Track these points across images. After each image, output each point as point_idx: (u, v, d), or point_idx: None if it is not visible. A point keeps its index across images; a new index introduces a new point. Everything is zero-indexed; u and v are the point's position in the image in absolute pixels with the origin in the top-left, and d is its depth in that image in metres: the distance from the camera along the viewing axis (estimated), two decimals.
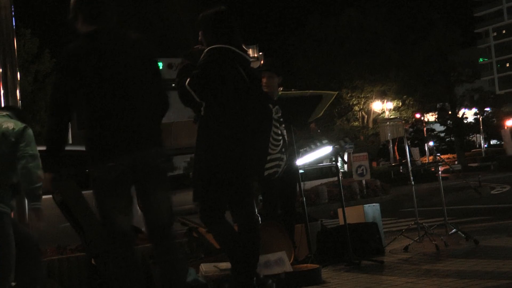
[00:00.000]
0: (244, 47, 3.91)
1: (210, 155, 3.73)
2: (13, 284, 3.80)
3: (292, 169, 5.08)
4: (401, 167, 6.72)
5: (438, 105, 47.53)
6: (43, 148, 3.33)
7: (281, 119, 3.91)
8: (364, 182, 17.38)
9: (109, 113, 3.20)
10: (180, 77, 3.77)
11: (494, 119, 58.67)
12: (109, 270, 3.23)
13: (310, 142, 5.68)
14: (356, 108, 38.85)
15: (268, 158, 3.81)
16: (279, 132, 3.87)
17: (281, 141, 3.87)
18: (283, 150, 3.88)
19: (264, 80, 5.13)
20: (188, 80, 3.73)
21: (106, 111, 3.20)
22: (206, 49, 3.83)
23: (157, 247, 3.32)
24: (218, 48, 3.80)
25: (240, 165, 3.76)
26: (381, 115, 37.30)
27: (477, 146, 61.70)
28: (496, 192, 17.72)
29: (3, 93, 5.24)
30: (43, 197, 3.68)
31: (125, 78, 3.25)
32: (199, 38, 3.95)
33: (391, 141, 7.30)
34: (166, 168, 3.34)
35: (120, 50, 3.29)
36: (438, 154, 6.77)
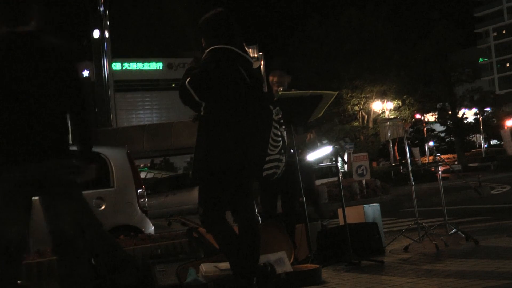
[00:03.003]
0: (245, 47, 3.92)
1: (209, 155, 3.73)
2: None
3: (291, 168, 5.07)
4: (401, 167, 6.73)
5: (438, 105, 47.51)
6: None
7: (281, 121, 3.90)
8: (364, 182, 17.38)
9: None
10: (182, 77, 3.78)
11: (494, 119, 58.64)
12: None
13: (310, 147, 5.69)
14: (356, 108, 38.85)
15: (267, 158, 3.81)
16: (279, 133, 3.86)
17: (281, 142, 3.86)
18: (282, 151, 3.88)
19: (275, 79, 5.50)
20: (188, 79, 3.74)
21: None
22: (208, 50, 3.84)
23: (59, 261, 3.19)
24: (219, 49, 3.81)
25: (240, 165, 3.76)
26: (381, 115, 37.29)
27: (477, 146, 61.71)
28: (496, 192, 17.74)
29: None
30: None
31: (24, 86, 3.07)
32: (203, 45, 3.94)
33: (391, 141, 7.33)
34: (71, 179, 3.19)
35: (25, 56, 3.10)
36: (438, 154, 6.76)
